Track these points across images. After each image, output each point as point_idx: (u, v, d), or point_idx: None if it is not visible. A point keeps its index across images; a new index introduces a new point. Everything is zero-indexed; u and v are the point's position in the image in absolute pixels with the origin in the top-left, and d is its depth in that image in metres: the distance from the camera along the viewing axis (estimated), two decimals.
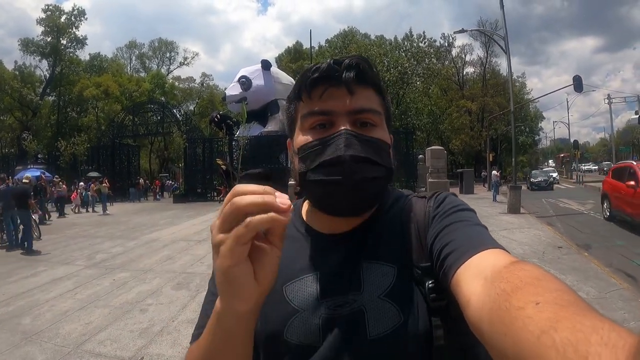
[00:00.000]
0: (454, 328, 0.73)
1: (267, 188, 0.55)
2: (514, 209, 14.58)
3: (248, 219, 0.52)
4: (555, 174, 37.49)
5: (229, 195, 0.54)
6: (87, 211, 21.80)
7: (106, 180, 23.24)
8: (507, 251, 0.65)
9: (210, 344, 0.66)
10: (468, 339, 0.70)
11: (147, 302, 5.92)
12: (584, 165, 60.45)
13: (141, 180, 34.88)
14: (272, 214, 0.52)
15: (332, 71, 0.77)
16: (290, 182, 16.46)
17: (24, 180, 11.79)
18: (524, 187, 26.77)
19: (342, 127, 0.77)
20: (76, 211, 21.65)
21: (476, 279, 0.59)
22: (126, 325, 5.05)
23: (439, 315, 0.73)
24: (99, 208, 21.41)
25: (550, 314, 0.42)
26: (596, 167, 59.40)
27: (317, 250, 0.84)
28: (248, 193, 0.53)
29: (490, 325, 0.49)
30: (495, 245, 0.66)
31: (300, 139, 0.81)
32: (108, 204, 21.99)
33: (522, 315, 0.44)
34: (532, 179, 33.55)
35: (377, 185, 0.80)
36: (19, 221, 10.82)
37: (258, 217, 0.52)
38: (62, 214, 19.77)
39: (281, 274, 0.73)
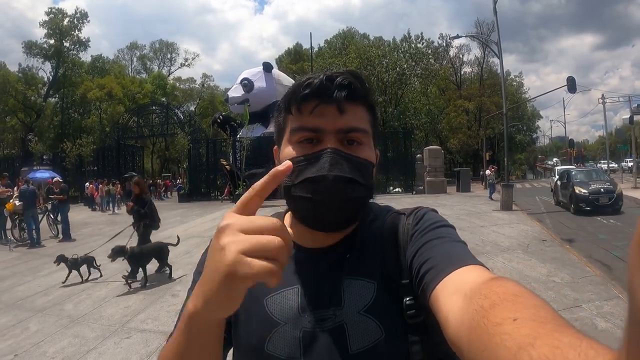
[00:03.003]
0: (432, 343, 0.75)
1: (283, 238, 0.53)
2: (506, 206, 15.25)
3: (260, 267, 0.50)
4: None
5: (271, 222, 0.54)
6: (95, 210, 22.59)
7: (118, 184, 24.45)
8: (486, 267, 0.66)
9: (182, 346, 0.67)
10: (446, 349, 0.69)
11: (176, 288, 6.66)
12: (602, 164, 55.18)
13: (159, 181, 36.03)
14: (271, 270, 0.51)
15: (324, 88, 0.76)
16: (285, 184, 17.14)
17: (59, 181, 13.13)
18: (551, 203, 19.60)
19: (329, 145, 0.77)
20: (101, 209, 22.60)
21: (454, 295, 0.59)
22: (162, 307, 5.83)
23: (416, 332, 0.75)
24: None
25: (528, 330, 0.42)
26: (616, 165, 53.14)
27: (298, 264, 0.84)
28: (279, 236, 0.53)
29: (468, 342, 0.50)
30: (474, 261, 0.67)
31: (287, 151, 0.81)
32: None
33: (499, 332, 0.44)
34: (579, 189, 15.88)
35: (358, 204, 0.81)
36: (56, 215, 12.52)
37: (264, 268, 0.50)
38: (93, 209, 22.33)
39: (262, 286, 0.73)
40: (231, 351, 0.87)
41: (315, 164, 0.76)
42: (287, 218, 0.92)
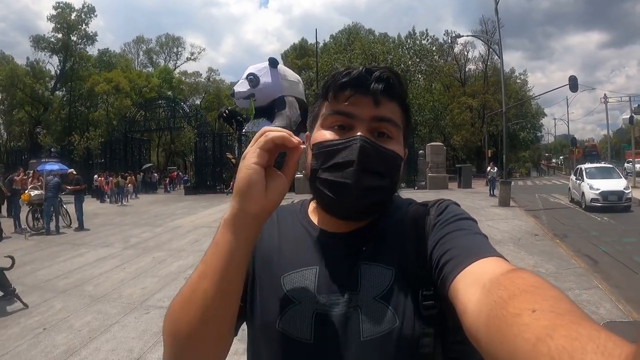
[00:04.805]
0: (449, 337, 0.74)
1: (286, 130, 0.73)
2: (504, 202, 15.66)
3: (267, 132, 0.72)
4: None
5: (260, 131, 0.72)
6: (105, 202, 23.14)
7: (132, 175, 25.73)
8: (506, 259, 0.66)
9: (212, 261, 0.71)
10: (463, 349, 0.72)
11: (188, 272, 7.01)
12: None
13: (174, 173, 37.22)
14: (284, 134, 0.72)
15: (362, 79, 0.78)
16: (296, 175, 17.70)
17: (73, 173, 13.95)
18: None
19: (359, 133, 0.77)
20: (111, 201, 23.07)
21: (474, 286, 0.59)
22: (177, 288, 6.14)
23: (430, 323, 0.74)
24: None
25: (546, 321, 0.42)
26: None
27: (318, 246, 0.85)
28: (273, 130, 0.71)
29: (487, 333, 0.50)
30: (494, 253, 0.67)
31: (318, 135, 0.82)
32: (133, 195, 24.12)
33: (518, 323, 0.44)
34: None
35: (381, 196, 0.81)
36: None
37: (275, 131, 0.71)
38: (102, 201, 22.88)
39: (281, 264, 0.84)
40: (245, 329, 0.87)
41: (344, 150, 0.77)
42: (312, 205, 0.94)
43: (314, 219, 0.91)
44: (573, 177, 18.66)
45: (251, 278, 0.85)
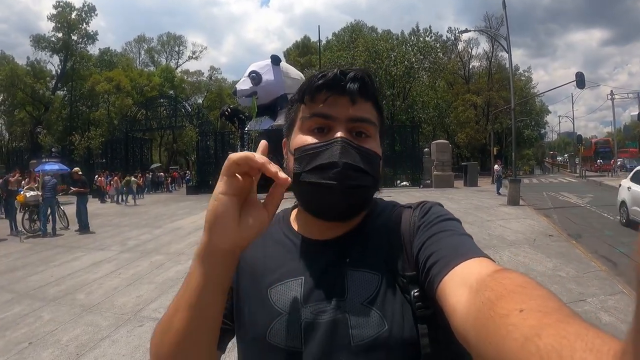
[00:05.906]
0: (442, 337, 0.73)
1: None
2: (513, 200, 15.26)
3: (230, 156, 0.65)
4: None
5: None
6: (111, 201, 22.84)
7: (139, 175, 25.57)
8: (492, 259, 0.67)
9: (184, 294, 0.70)
10: (456, 348, 0.70)
11: None
12: None
13: (175, 173, 37.11)
14: (247, 154, 0.64)
15: (338, 81, 0.79)
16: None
17: (78, 172, 13.68)
18: None
19: (339, 134, 0.79)
20: (112, 201, 22.79)
21: (461, 288, 0.59)
22: (174, 296, 5.90)
23: (426, 323, 0.74)
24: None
25: (534, 321, 0.42)
26: None
27: (303, 256, 0.85)
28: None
29: (475, 334, 0.50)
30: (480, 254, 0.68)
31: (298, 140, 0.82)
32: (138, 195, 23.73)
33: (506, 323, 0.45)
34: None
35: (365, 194, 0.82)
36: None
37: (237, 154, 0.63)
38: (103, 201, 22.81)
39: (267, 276, 0.84)
40: (234, 344, 0.88)
41: (326, 151, 0.78)
42: (294, 213, 0.95)
43: (297, 227, 0.91)
44: (634, 186, 11.18)
45: (236, 293, 0.87)
